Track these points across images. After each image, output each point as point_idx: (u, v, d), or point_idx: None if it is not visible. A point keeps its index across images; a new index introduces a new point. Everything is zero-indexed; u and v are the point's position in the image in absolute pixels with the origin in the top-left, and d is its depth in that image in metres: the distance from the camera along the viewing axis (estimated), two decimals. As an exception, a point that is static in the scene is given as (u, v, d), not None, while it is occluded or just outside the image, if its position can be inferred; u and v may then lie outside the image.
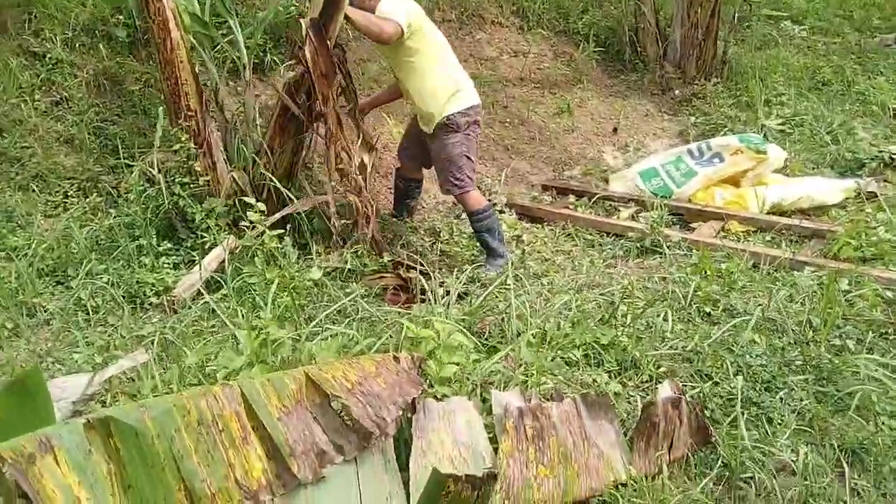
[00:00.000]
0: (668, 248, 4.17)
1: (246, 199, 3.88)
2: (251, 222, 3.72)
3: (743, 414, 2.60)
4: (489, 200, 4.43)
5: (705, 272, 3.75)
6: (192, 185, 3.99)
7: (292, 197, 4.13)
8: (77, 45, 4.94)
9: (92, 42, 4.99)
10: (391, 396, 2.16)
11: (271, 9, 4.81)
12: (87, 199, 4.26)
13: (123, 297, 3.70)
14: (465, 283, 3.91)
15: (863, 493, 2.38)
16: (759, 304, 3.39)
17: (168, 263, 3.92)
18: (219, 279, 3.70)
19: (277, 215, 3.89)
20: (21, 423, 1.58)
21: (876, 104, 6.41)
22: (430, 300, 3.36)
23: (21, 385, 1.59)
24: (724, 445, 2.50)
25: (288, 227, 4.12)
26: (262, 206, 3.69)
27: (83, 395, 2.38)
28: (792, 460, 2.43)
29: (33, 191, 4.27)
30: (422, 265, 4.11)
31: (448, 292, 3.44)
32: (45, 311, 3.60)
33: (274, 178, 3.97)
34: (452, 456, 2.21)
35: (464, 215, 4.96)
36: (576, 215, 4.76)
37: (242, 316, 3.35)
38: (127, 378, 2.98)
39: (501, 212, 4.81)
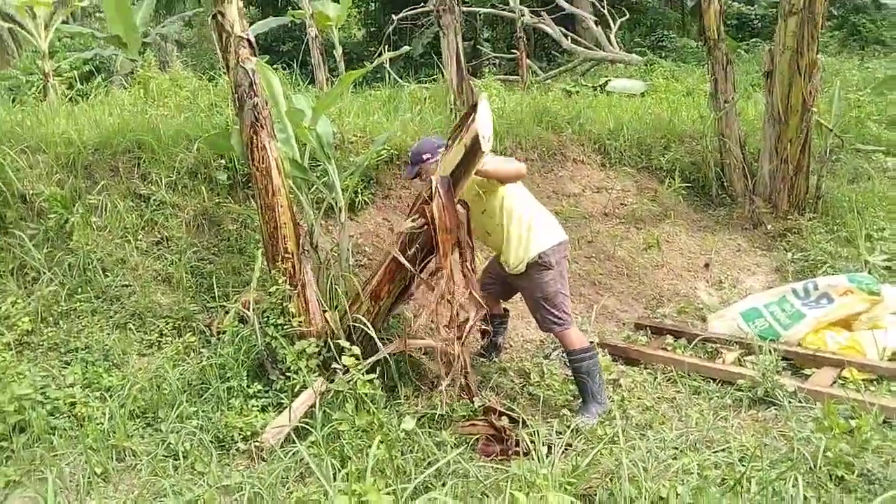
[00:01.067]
0: (784, 398, 3.85)
1: (340, 342, 3.82)
2: (344, 366, 3.64)
3: None
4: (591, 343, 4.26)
5: (831, 428, 3.41)
6: (284, 326, 3.97)
7: (384, 339, 4.06)
8: (180, 187, 5.19)
9: (194, 184, 5.23)
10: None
11: (368, 154, 4.95)
12: (181, 339, 4.30)
13: (212, 441, 3.62)
14: (560, 433, 3.69)
15: None
16: (901, 470, 3.02)
17: (257, 406, 3.85)
18: (306, 425, 3.59)
19: (372, 359, 3.80)
20: None
21: None
22: (529, 453, 3.14)
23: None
24: None
25: (377, 368, 4.03)
26: (356, 349, 3.60)
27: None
28: None
29: (130, 329, 4.34)
30: (513, 411, 3.92)
31: (550, 448, 3.21)
32: (135, 456, 3.54)
33: (368, 324, 3.90)
34: None
35: (553, 355, 4.79)
36: (676, 358, 4.49)
37: (333, 467, 3.20)
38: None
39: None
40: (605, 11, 12.21)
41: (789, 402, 3.83)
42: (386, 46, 10.99)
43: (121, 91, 8.57)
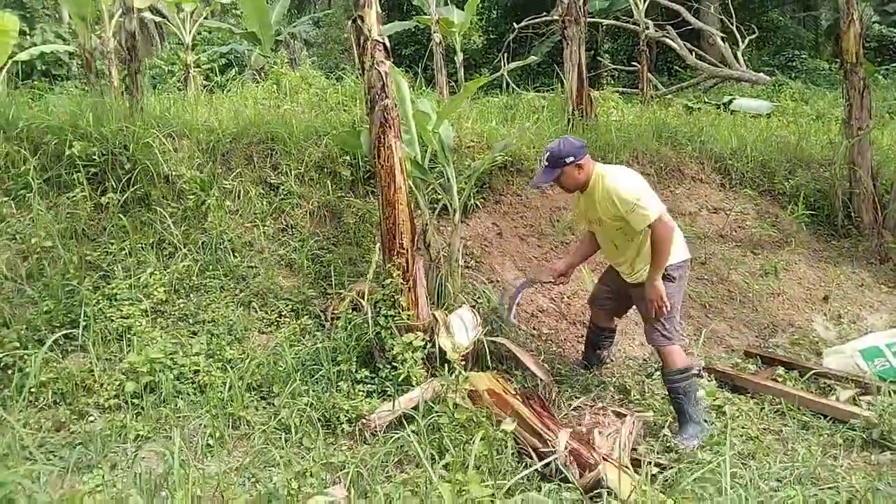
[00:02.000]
0: (901, 443, 3.66)
1: (443, 339, 3.95)
2: (449, 362, 3.76)
3: None
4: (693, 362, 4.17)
5: (953, 480, 3.22)
6: (394, 318, 4.14)
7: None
8: (307, 179, 5.48)
9: (319, 177, 5.52)
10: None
11: (484, 160, 5.07)
12: (299, 321, 4.55)
13: (319, 419, 3.82)
14: (659, 453, 3.66)
15: None
16: None
17: (363, 391, 4.03)
18: (412, 413, 3.73)
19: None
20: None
21: None
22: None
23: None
24: None
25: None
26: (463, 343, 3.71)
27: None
28: None
29: (253, 307, 4.63)
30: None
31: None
32: (249, 425, 3.79)
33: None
34: None
35: (656, 374, 4.72)
36: (786, 390, 4.34)
37: (431, 458, 3.32)
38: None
39: (699, 376, 4.51)
40: (734, 28, 11.83)
41: (907, 448, 3.64)
42: (506, 54, 11.11)
43: (254, 85, 9.10)
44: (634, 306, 4.28)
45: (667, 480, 3.27)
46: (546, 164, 3.85)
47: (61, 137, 4.89)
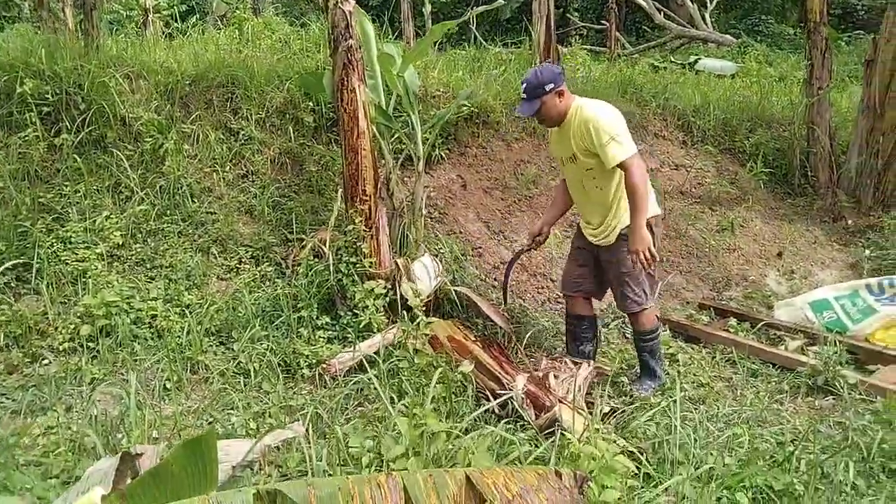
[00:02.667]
0: (844, 389, 3.80)
1: (406, 285, 3.95)
2: (410, 307, 3.77)
3: None
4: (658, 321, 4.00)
5: (890, 423, 3.36)
6: (356, 265, 4.13)
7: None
8: (268, 125, 5.38)
9: (281, 123, 5.42)
10: (553, 514, 2.03)
11: (449, 108, 5.02)
12: (259, 268, 4.51)
13: (279, 364, 3.83)
14: (613, 397, 3.75)
15: None
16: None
17: (324, 337, 4.03)
18: (372, 357, 3.75)
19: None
20: (189, 481, 1.66)
21: None
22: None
23: (197, 444, 1.66)
24: None
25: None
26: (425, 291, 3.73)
27: (243, 460, 2.41)
28: None
29: (212, 254, 4.58)
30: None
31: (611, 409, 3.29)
32: (207, 370, 3.78)
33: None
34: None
35: (612, 324, 4.82)
36: (738, 340, 4.47)
37: (391, 400, 3.36)
38: (273, 447, 3.03)
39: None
40: (703, -11, 11.86)
41: (849, 393, 3.78)
42: (474, 6, 10.95)
43: (216, 31, 8.84)
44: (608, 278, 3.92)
45: (619, 422, 3.36)
46: (524, 95, 3.58)
47: (11, 75, 4.71)
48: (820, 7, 6.74)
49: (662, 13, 12.19)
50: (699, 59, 11.32)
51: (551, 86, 3.51)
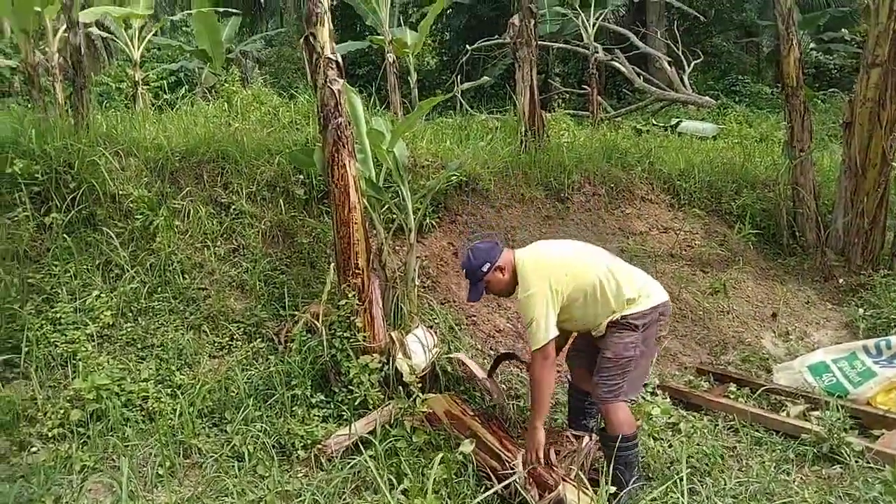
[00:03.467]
0: (850, 457, 3.74)
1: (401, 360, 3.90)
2: (405, 384, 3.71)
3: None
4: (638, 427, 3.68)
5: (901, 493, 3.30)
6: (350, 340, 4.07)
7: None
8: (259, 199, 5.38)
9: (272, 196, 5.43)
10: None
11: (439, 178, 5.05)
12: (251, 344, 4.44)
13: (274, 446, 3.73)
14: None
15: None
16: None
17: (318, 416, 3.94)
18: (369, 438, 3.66)
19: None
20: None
21: None
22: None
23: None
24: None
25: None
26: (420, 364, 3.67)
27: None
28: None
29: (203, 331, 4.50)
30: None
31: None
32: (200, 454, 3.67)
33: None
34: None
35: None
36: (739, 407, 4.41)
37: (389, 483, 3.26)
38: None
39: (654, 394, 4.56)
40: (680, 53, 12.16)
41: (856, 461, 3.72)
42: (459, 76, 11.20)
43: (205, 103, 8.94)
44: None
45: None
46: (468, 280, 3.60)
47: (2, 155, 4.70)
48: (795, 72, 6.93)
49: (642, 77, 12.49)
50: (681, 121, 11.57)
51: (487, 265, 3.50)
